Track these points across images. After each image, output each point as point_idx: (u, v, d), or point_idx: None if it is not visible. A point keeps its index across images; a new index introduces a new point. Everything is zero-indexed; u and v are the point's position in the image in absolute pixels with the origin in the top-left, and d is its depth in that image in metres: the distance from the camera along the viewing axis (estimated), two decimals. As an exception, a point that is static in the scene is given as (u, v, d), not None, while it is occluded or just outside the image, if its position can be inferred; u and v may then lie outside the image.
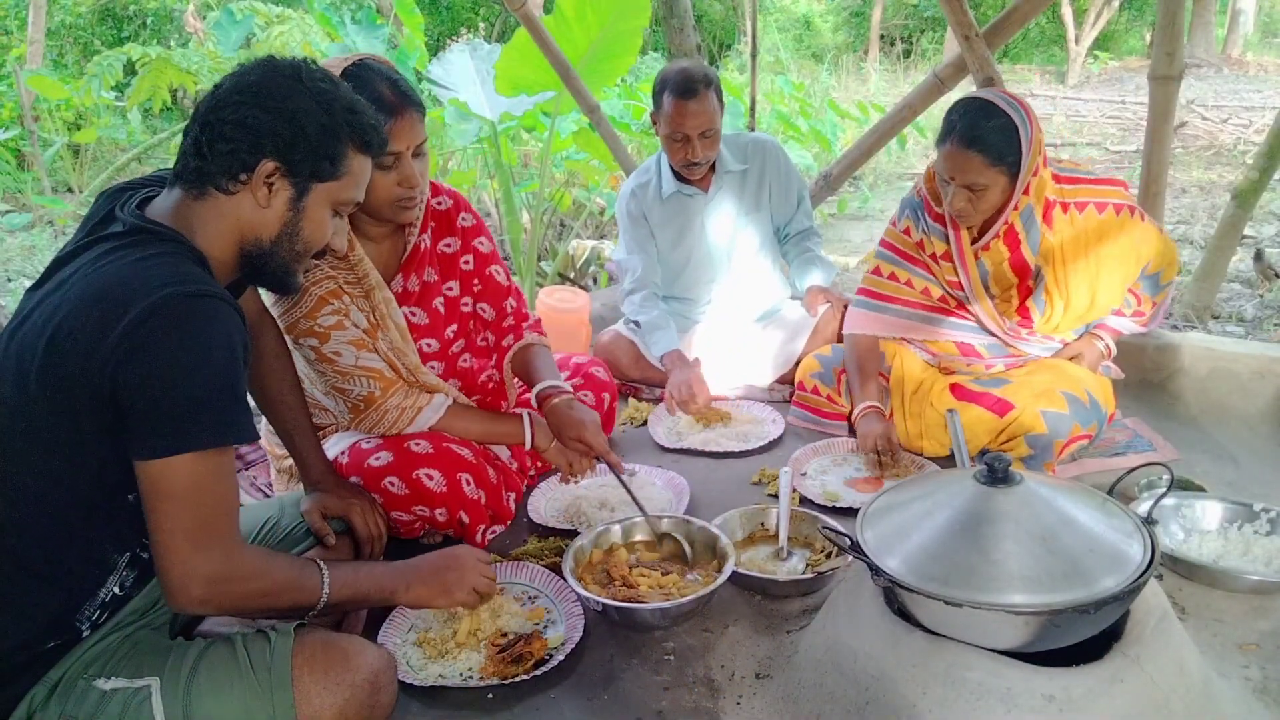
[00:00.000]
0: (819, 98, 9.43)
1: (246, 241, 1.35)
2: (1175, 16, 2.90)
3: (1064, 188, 2.29)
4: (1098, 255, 2.28)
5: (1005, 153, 2.13)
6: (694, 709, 1.58)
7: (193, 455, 1.20)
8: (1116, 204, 2.27)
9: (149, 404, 1.18)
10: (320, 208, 1.39)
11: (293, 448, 1.89)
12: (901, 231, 2.53)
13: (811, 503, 2.24)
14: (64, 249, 1.33)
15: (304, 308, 1.89)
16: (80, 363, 1.18)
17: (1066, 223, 2.28)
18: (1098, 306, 2.37)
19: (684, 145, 2.78)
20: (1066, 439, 2.26)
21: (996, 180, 2.16)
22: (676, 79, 2.71)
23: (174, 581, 1.23)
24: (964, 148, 2.13)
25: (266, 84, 1.32)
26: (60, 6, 10.89)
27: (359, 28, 6.10)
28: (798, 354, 2.90)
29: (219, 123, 1.30)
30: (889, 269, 2.56)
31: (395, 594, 1.51)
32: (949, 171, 2.19)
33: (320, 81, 1.35)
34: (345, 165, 1.38)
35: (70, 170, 7.43)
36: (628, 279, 3.06)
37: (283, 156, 1.31)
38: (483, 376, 2.23)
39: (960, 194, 2.19)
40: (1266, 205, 5.94)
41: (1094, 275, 2.30)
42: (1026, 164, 2.15)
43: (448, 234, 2.14)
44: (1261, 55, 15.68)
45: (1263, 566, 1.84)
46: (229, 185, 1.31)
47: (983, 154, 2.12)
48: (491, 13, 14.70)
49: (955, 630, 1.33)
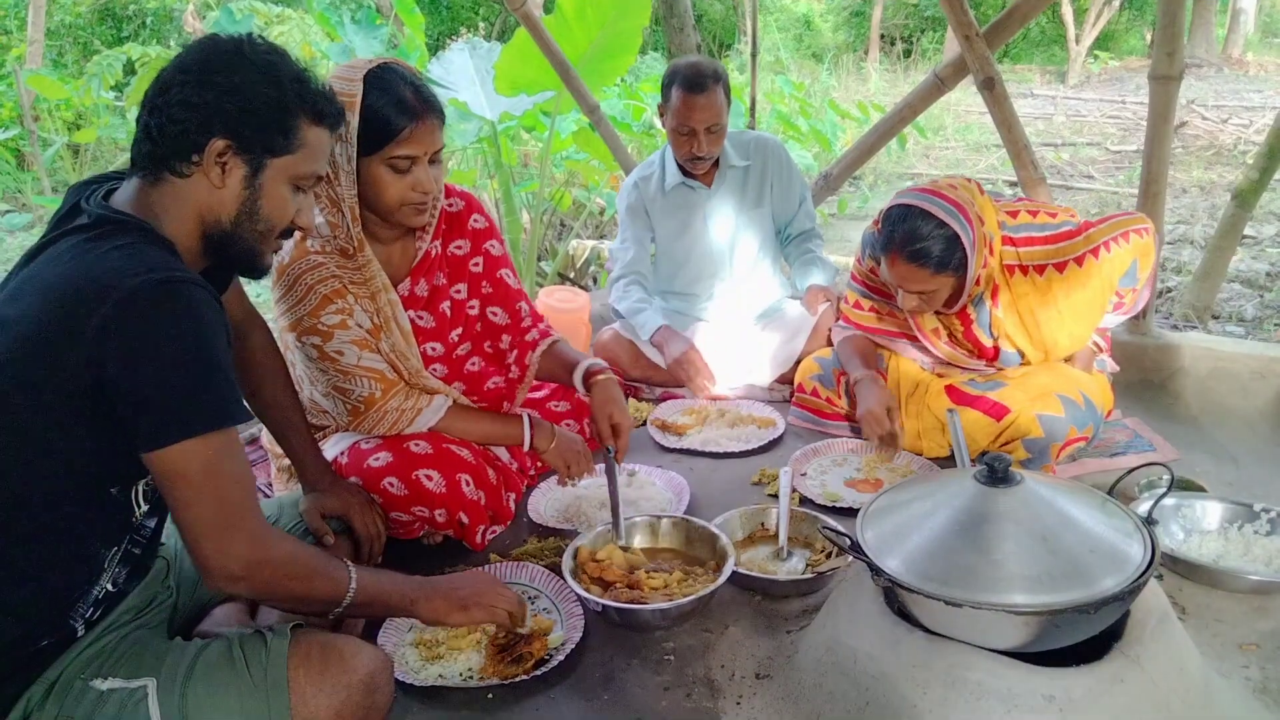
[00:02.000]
0: (819, 97, 9.43)
1: (207, 224, 1.34)
2: (1175, 16, 2.90)
3: (1020, 250, 2.25)
4: (1069, 305, 2.27)
5: (948, 260, 2.12)
6: (694, 709, 1.58)
7: (199, 439, 1.20)
8: (1076, 258, 2.22)
9: (143, 395, 1.18)
10: (278, 184, 1.36)
11: (289, 448, 1.89)
12: (868, 270, 2.52)
13: (811, 503, 2.24)
14: (32, 246, 1.32)
15: (308, 305, 1.89)
16: (55, 357, 1.16)
17: (1029, 285, 2.26)
18: (1079, 339, 2.37)
19: (690, 139, 2.81)
20: (1063, 442, 2.26)
21: (945, 283, 2.17)
22: (686, 73, 2.74)
23: (211, 562, 1.24)
24: (907, 262, 2.13)
25: (209, 61, 1.30)
26: (60, 6, 10.89)
27: (359, 27, 6.09)
28: (798, 353, 2.91)
29: (165, 105, 1.28)
30: (866, 303, 2.57)
31: (415, 603, 1.50)
32: (896, 280, 2.20)
33: (265, 54, 1.33)
34: (299, 138, 1.35)
35: (70, 170, 7.42)
36: (616, 265, 3.08)
37: (232, 133, 1.29)
38: (489, 383, 2.22)
39: (911, 299, 2.22)
40: (1266, 205, 5.94)
41: (1069, 321, 2.29)
42: (973, 267, 2.14)
43: (459, 236, 2.13)
44: (1261, 55, 15.68)
45: (1263, 566, 1.84)
46: (182, 168, 1.30)
47: (926, 267, 2.12)
48: (491, 12, 14.70)
49: (955, 630, 1.33)
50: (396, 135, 1.77)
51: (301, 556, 1.36)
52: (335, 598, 1.38)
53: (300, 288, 1.88)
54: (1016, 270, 2.26)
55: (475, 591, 1.57)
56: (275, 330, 1.98)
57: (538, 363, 2.22)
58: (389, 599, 1.48)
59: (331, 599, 1.38)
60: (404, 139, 1.78)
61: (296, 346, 1.94)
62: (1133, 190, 6.14)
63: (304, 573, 1.34)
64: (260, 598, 1.34)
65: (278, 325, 1.98)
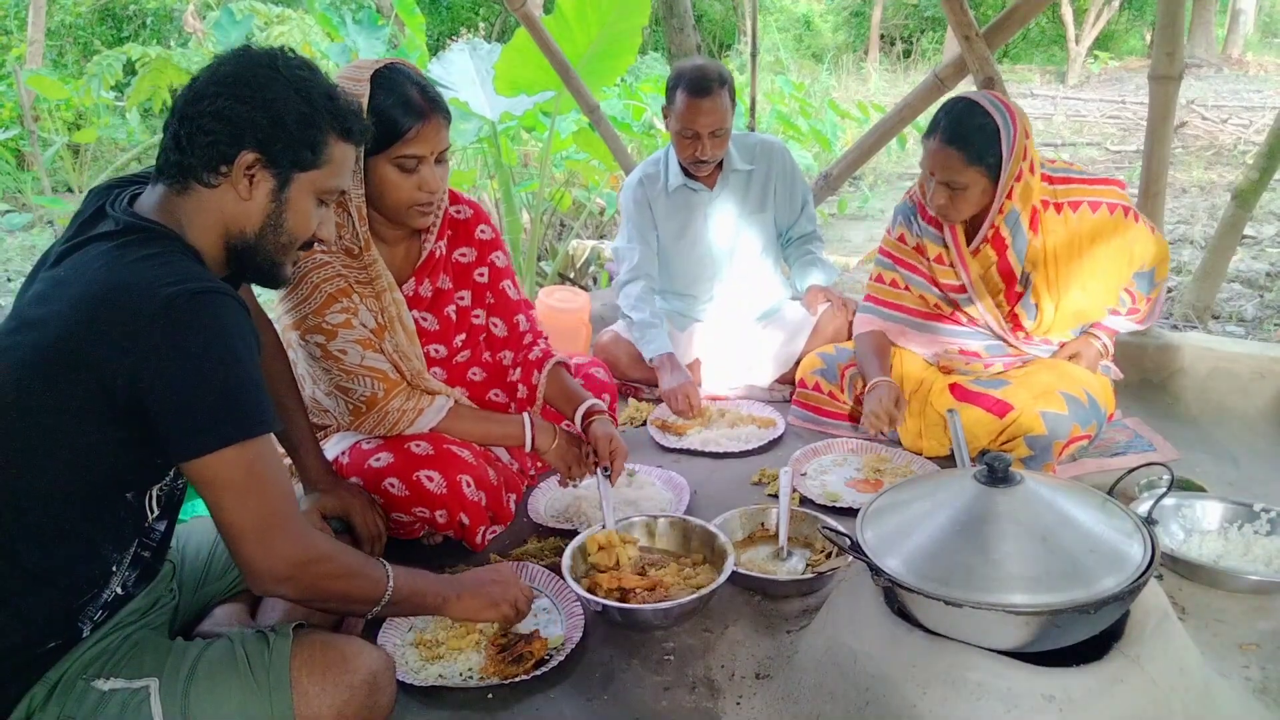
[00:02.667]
0: (819, 98, 9.43)
1: (231, 234, 1.35)
2: (1175, 16, 2.90)
3: (1057, 188, 2.29)
4: (1091, 256, 2.28)
5: (985, 154, 2.16)
6: (694, 709, 1.58)
7: (237, 446, 1.22)
8: (1110, 204, 2.28)
9: (179, 405, 1.19)
10: (303, 198, 1.37)
11: (290, 448, 1.89)
12: (896, 239, 2.55)
13: (811, 503, 2.24)
14: (53, 247, 1.33)
15: (313, 304, 1.89)
16: (84, 362, 1.17)
17: (1060, 223, 2.28)
18: (1091, 307, 2.37)
19: (694, 142, 2.79)
20: (1066, 439, 2.26)
21: (976, 180, 2.19)
22: (691, 76, 2.72)
23: (257, 564, 1.26)
24: (944, 144, 2.17)
25: (242, 74, 1.31)
26: (60, 6, 10.89)
27: (359, 28, 6.10)
28: (798, 354, 2.91)
29: (197, 115, 1.29)
30: (889, 275, 2.59)
31: (447, 601, 1.53)
32: (930, 166, 2.23)
33: (298, 69, 1.34)
34: (326, 153, 1.36)
35: (70, 170, 7.43)
36: (624, 268, 3.06)
37: (262, 147, 1.30)
38: (490, 394, 2.23)
39: (940, 190, 2.23)
40: (1266, 205, 5.94)
41: (1088, 276, 2.30)
42: (1008, 168, 2.17)
43: (464, 244, 2.14)
44: (1261, 55, 15.68)
45: (1263, 566, 1.84)
46: (210, 178, 1.31)
47: (962, 152, 2.16)
48: (491, 13, 14.71)
49: (955, 630, 1.33)
50: (404, 135, 1.78)
51: (341, 556, 1.37)
52: (376, 597, 1.39)
53: (306, 286, 1.89)
54: (1050, 206, 2.28)
55: (502, 591, 1.60)
56: (279, 329, 1.98)
57: (545, 384, 2.20)
58: (424, 597, 1.49)
59: (372, 598, 1.39)
60: (411, 138, 1.79)
61: (300, 345, 1.94)
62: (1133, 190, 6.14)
63: (346, 571, 1.36)
64: (304, 598, 1.35)
65: (281, 324, 1.98)
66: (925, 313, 2.54)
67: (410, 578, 1.47)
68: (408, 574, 1.46)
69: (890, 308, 2.59)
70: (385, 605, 1.41)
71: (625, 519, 2.02)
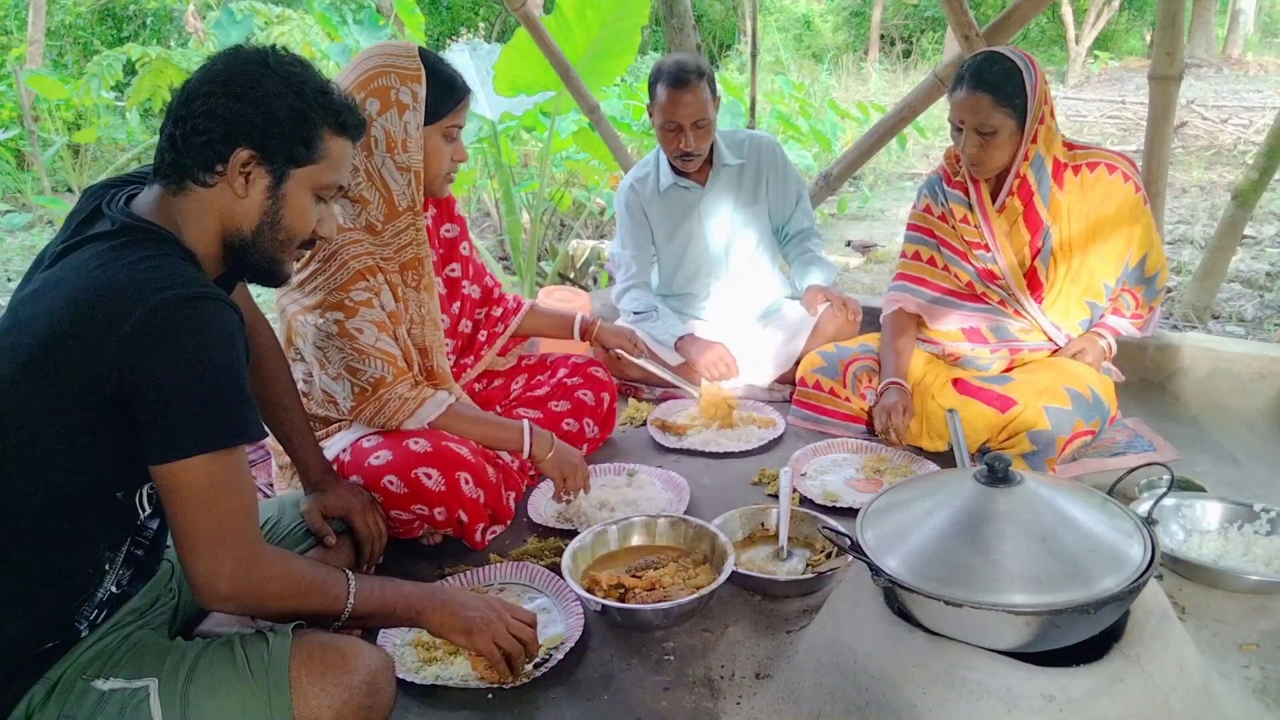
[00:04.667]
0: (819, 98, 9.43)
1: (228, 233, 1.34)
2: (1175, 16, 2.90)
3: (1075, 153, 2.39)
4: (1100, 217, 2.36)
5: (1012, 94, 2.25)
6: (694, 709, 1.58)
7: (207, 456, 1.21)
8: (1125, 172, 2.37)
9: (161, 408, 1.19)
10: (301, 194, 1.37)
11: (290, 449, 1.89)
12: (921, 210, 2.61)
13: (811, 503, 2.24)
14: (49, 247, 1.32)
15: (339, 279, 1.95)
16: (77, 362, 1.17)
17: (1076, 184, 2.37)
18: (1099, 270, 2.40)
19: (677, 135, 2.82)
20: (1069, 435, 2.26)
21: (1005, 123, 2.26)
22: (670, 69, 2.77)
23: (200, 579, 1.25)
24: (973, 90, 2.26)
25: (234, 72, 1.31)
26: (60, 6, 10.89)
27: (360, 28, 6.10)
28: (798, 353, 2.91)
29: (190, 115, 1.29)
30: (913, 249, 2.65)
31: (422, 614, 1.47)
32: (960, 115, 2.30)
33: (289, 65, 1.34)
34: (321, 149, 1.36)
35: (70, 170, 7.43)
36: (621, 274, 3.11)
37: (256, 144, 1.30)
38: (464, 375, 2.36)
39: (972, 138, 2.30)
40: (1266, 205, 5.94)
41: (1094, 237, 2.37)
42: (1033, 108, 2.25)
43: (448, 220, 2.30)
44: (1261, 55, 15.67)
45: (1263, 566, 1.84)
46: (206, 177, 1.31)
47: (991, 94, 2.24)
48: (491, 13, 14.71)
49: (955, 630, 1.33)
50: (456, 105, 1.97)
51: (296, 574, 1.34)
52: (332, 612, 1.37)
53: (335, 262, 1.95)
54: (1068, 169, 2.37)
55: (484, 619, 1.51)
56: (279, 324, 1.99)
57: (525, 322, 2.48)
58: (393, 609, 1.45)
59: (327, 614, 1.37)
60: (461, 109, 1.99)
61: (315, 326, 1.96)
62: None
63: (297, 591, 1.33)
64: (248, 615, 1.34)
65: (291, 310, 2.00)
66: (949, 290, 2.57)
67: (380, 592, 1.42)
68: (378, 588, 1.43)
69: (916, 284, 2.62)
70: (346, 620, 1.39)
71: (625, 519, 2.02)
